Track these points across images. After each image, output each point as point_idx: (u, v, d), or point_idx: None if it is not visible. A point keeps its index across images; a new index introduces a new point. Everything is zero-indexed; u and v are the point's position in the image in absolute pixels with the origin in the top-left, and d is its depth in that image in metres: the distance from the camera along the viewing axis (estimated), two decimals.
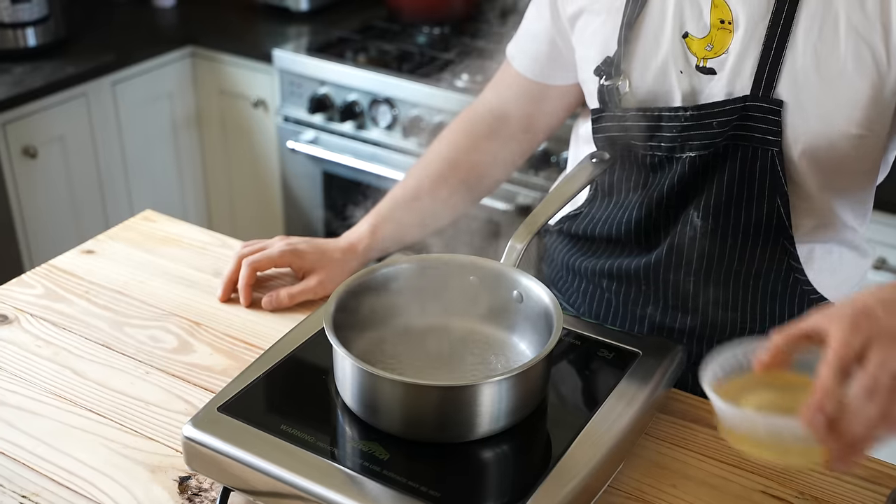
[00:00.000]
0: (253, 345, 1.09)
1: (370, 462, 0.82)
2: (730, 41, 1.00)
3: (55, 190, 2.42)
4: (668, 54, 1.03)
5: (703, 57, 1.02)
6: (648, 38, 1.04)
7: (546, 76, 1.21)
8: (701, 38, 1.02)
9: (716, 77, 1.02)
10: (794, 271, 1.06)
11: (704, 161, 1.04)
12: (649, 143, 1.07)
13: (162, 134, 2.65)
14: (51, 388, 1.02)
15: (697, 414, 0.99)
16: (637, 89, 1.06)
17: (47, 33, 2.43)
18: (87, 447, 0.94)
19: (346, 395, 0.88)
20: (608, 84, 1.07)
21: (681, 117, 1.03)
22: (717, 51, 1.01)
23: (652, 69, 1.05)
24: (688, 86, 1.04)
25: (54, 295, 1.18)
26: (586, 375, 0.97)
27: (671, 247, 1.08)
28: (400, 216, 1.21)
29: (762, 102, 0.99)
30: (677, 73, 1.04)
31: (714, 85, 1.02)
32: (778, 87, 0.98)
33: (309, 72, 2.41)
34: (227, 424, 0.87)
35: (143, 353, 1.07)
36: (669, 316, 1.12)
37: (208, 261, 1.25)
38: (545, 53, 1.19)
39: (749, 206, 1.04)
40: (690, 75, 1.03)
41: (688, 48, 1.03)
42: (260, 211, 2.75)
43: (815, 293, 1.08)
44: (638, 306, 1.14)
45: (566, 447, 0.84)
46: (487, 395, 0.83)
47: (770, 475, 0.91)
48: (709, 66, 1.02)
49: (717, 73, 1.02)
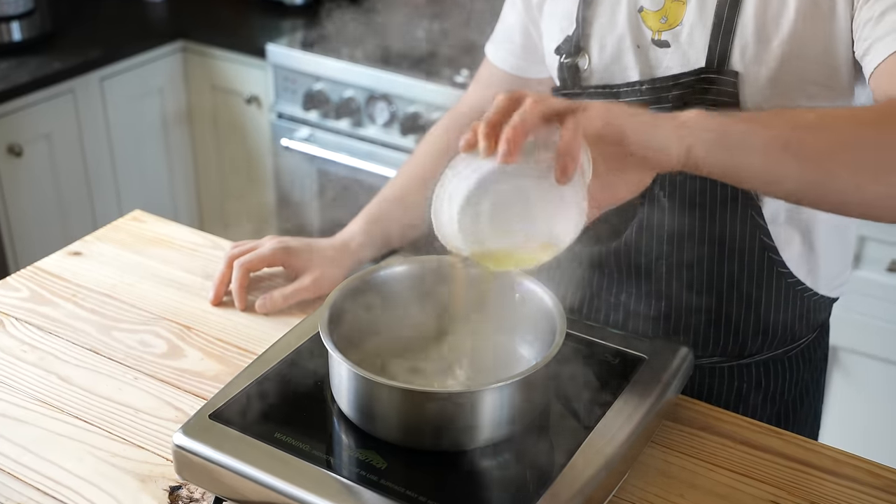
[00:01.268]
0: (245, 349, 1.09)
1: (367, 471, 0.82)
2: (683, 13, 1.03)
3: (41, 189, 2.42)
4: (625, 29, 1.07)
5: (657, 30, 1.05)
6: (605, 14, 1.08)
7: (523, 69, 1.24)
8: (655, 11, 1.05)
9: (671, 50, 1.04)
10: (767, 250, 1.07)
11: None
12: None
13: (152, 131, 2.66)
14: (36, 395, 1.02)
15: (706, 421, 0.99)
16: (596, 66, 1.10)
17: (33, 27, 2.43)
18: (73, 456, 0.94)
19: (342, 401, 0.88)
20: (568, 62, 1.11)
21: (637, 91, 1.06)
22: (672, 23, 1.04)
23: (609, 45, 1.08)
24: (644, 61, 1.06)
25: (40, 298, 1.18)
26: (590, 381, 0.97)
27: (640, 228, 1.09)
28: (391, 215, 1.23)
29: (717, 74, 1.01)
30: (634, 47, 1.07)
31: (670, 58, 1.05)
32: (732, 57, 1.01)
33: (304, 67, 2.41)
34: (218, 432, 0.86)
35: (132, 359, 1.07)
36: (644, 302, 1.13)
37: (199, 262, 1.25)
38: (520, 45, 1.23)
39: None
40: (646, 49, 1.06)
41: (643, 22, 1.06)
42: (253, 211, 2.75)
43: (791, 276, 1.09)
44: (612, 294, 1.15)
45: (569, 456, 0.84)
46: (488, 403, 0.83)
47: (781, 484, 0.91)
48: (663, 38, 1.05)
49: (672, 45, 1.04)
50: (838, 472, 0.93)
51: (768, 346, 1.13)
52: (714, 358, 1.13)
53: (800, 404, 1.20)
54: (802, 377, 1.18)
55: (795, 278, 1.09)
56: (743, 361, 1.13)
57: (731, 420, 0.99)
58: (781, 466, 0.93)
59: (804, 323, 1.13)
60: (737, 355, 1.13)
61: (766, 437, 0.97)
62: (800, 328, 1.13)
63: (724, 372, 1.13)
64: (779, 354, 1.14)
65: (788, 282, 1.09)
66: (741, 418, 0.99)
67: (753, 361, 1.13)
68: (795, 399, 1.18)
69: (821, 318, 1.17)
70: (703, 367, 1.13)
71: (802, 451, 0.95)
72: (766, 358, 1.14)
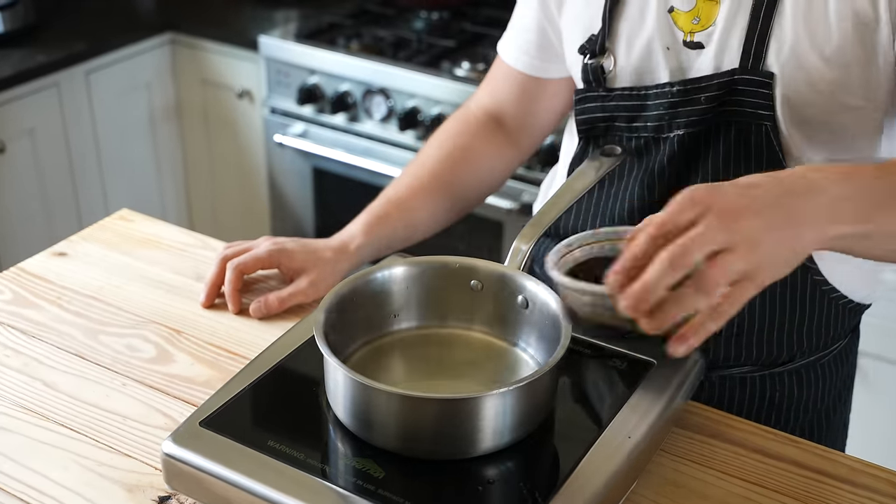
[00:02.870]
0: (238, 354, 1.09)
1: (364, 480, 0.82)
2: (717, 13, 1.02)
3: (24, 187, 2.42)
4: (654, 30, 1.06)
5: (690, 31, 1.05)
6: (633, 14, 1.07)
7: (538, 69, 1.24)
8: (687, 11, 1.04)
9: (704, 51, 1.04)
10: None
11: (695, 139, 1.06)
12: (634, 123, 1.09)
13: (139, 127, 2.66)
14: (19, 401, 1.02)
15: (717, 429, 0.99)
16: (622, 68, 1.09)
17: (16, 19, 2.43)
18: (58, 464, 0.94)
19: (338, 408, 0.88)
20: (592, 63, 1.10)
21: (667, 93, 1.06)
22: (704, 24, 1.03)
23: (637, 47, 1.07)
24: (675, 62, 1.06)
25: (23, 301, 1.18)
26: (597, 387, 0.97)
27: None
28: (394, 216, 1.23)
29: (751, 75, 1.01)
30: (664, 49, 1.06)
31: (702, 60, 1.04)
32: (767, 58, 1.00)
33: (298, 60, 2.41)
34: (209, 440, 0.86)
35: (120, 364, 1.07)
36: None
37: (189, 263, 1.26)
38: (535, 44, 1.22)
39: None
40: (678, 51, 1.06)
41: (674, 23, 1.05)
42: (245, 210, 2.75)
43: (826, 284, 1.08)
44: None
45: (575, 464, 0.84)
46: (490, 409, 0.83)
47: (796, 494, 0.91)
48: (696, 40, 1.04)
49: (705, 46, 1.04)
50: (855, 481, 0.93)
51: (801, 354, 1.12)
52: (745, 367, 1.12)
53: (833, 412, 1.19)
54: (835, 385, 1.17)
55: (830, 286, 1.09)
56: (775, 370, 1.13)
57: (743, 427, 0.99)
58: (796, 475, 0.93)
59: (837, 329, 1.13)
60: (769, 364, 1.12)
61: (780, 444, 0.97)
62: (833, 334, 1.13)
63: (755, 382, 1.13)
64: (811, 361, 1.14)
65: (823, 289, 1.08)
66: (754, 425, 0.99)
67: (786, 370, 1.13)
68: (829, 407, 1.18)
69: (853, 322, 1.17)
70: (734, 377, 1.13)
71: (818, 459, 0.95)
72: (799, 366, 1.13)
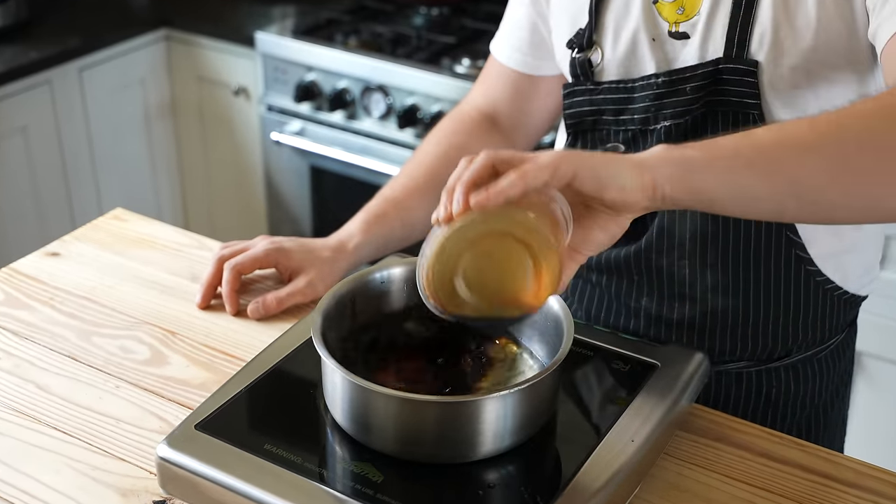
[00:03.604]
0: (233, 356, 1.09)
1: (363, 485, 0.82)
2: (700, 2, 1.04)
3: (16, 186, 2.42)
4: (639, 21, 1.07)
5: (675, 21, 1.06)
6: (619, 6, 1.09)
7: (531, 66, 1.25)
8: (671, 1, 1.06)
9: (689, 41, 1.05)
10: (794, 247, 1.07)
11: (682, 131, 1.07)
12: (621, 116, 1.11)
13: (133, 125, 2.66)
14: (11, 404, 1.02)
15: (722, 432, 0.99)
16: (609, 61, 1.11)
17: (8, 15, 2.43)
18: (51, 468, 0.94)
19: (335, 411, 0.88)
20: (580, 56, 1.12)
21: (653, 85, 1.07)
22: (689, 13, 1.05)
23: (623, 39, 1.09)
24: (661, 53, 1.07)
25: (15, 302, 1.18)
26: (599, 389, 0.97)
27: (660, 229, 1.10)
28: (392, 215, 1.23)
29: (736, 64, 1.02)
30: (649, 40, 1.07)
31: (688, 50, 1.06)
32: (751, 46, 1.02)
33: (295, 56, 2.41)
34: (205, 443, 0.87)
35: (113, 366, 1.07)
36: (666, 306, 1.13)
37: (184, 264, 1.26)
38: (527, 41, 1.24)
39: None
40: (663, 42, 1.07)
41: (659, 14, 1.07)
42: (241, 209, 2.75)
43: (820, 275, 1.09)
44: (632, 298, 1.15)
45: (577, 468, 0.84)
46: (491, 412, 0.83)
47: (801, 498, 0.91)
48: (681, 30, 1.06)
49: (690, 36, 1.05)
50: (861, 484, 0.93)
51: (797, 349, 1.13)
52: (741, 363, 1.13)
53: (830, 408, 1.20)
54: (832, 380, 1.18)
55: (824, 276, 1.09)
56: (771, 365, 1.13)
57: (748, 430, 0.99)
58: (801, 479, 0.93)
59: (834, 322, 1.14)
60: (765, 359, 1.13)
61: (785, 448, 0.97)
62: (830, 328, 1.14)
63: (751, 377, 1.14)
64: (808, 356, 1.14)
65: (817, 280, 1.09)
66: (759, 428, 0.99)
67: (782, 365, 1.14)
68: (826, 403, 1.19)
69: (850, 316, 1.17)
70: (731, 373, 1.13)
71: (823, 462, 0.95)
72: (796, 361, 1.14)
